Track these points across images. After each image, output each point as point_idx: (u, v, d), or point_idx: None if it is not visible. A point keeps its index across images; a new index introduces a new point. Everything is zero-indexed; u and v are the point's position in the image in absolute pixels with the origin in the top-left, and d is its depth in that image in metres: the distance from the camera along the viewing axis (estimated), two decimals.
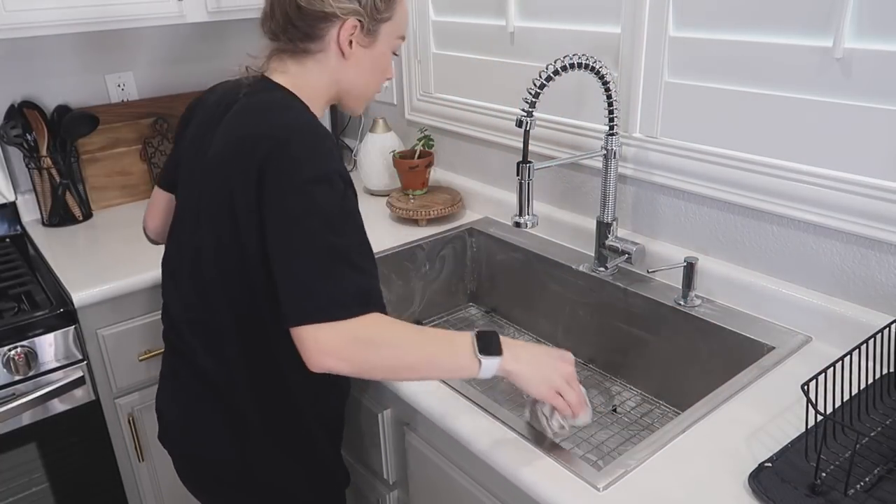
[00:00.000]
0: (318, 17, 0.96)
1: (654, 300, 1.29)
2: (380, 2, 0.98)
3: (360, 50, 1.01)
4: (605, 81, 1.24)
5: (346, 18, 0.97)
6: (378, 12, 0.99)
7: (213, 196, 0.98)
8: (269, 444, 1.07)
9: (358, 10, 0.97)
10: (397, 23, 1.03)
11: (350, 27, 0.98)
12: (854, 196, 1.06)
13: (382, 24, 1.01)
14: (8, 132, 1.71)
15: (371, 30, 1.00)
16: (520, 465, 0.90)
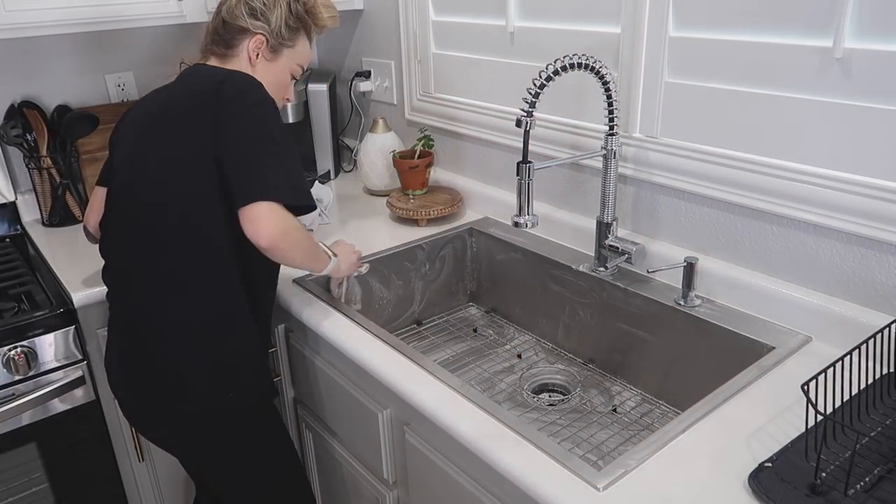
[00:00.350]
0: (236, 30, 1.26)
1: (654, 300, 1.29)
2: (285, 30, 1.28)
3: (263, 62, 1.28)
4: (605, 81, 1.24)
5: (256, 33, 1.26)
6: (282, 38, 1.28)
7: (178, 144, 1.16)
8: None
9: (267, 29, 1.26)
10: (298, 52, 1.32)
11: (258, 41, 1.26)
12: (854, 196, 1.06)
13: (284, 48, 1.30)
14: (8, 132, 1.71)
15: (275, 48, 1.28)
16: (520, 464, 0.90)
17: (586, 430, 1.25)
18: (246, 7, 1.25)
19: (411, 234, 1.64)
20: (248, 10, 1.25)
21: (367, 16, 1.98)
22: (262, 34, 1.25)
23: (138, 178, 1.19)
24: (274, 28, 1.26)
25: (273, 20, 1.26)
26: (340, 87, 2.17)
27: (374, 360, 1.15)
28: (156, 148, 1.18)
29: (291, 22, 1.28)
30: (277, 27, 1.26)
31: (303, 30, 1.32)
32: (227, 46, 1.27)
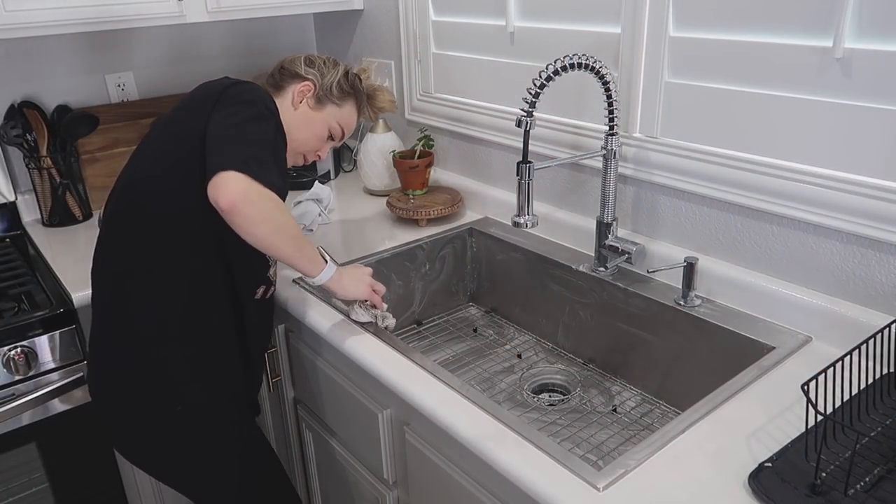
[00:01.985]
0: (289, 74, 1.31)
1: (654, 300, 1.29)
2: (336, 89, 1.32)
3: (306, 107, 1.30)
4: (605, 81, 1.24)
5: (306, 79, 1.30)
6: (330, 93, 1.31)
7: (176, 138, 1.15)
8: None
9: (317, 80, 1.30)
10: (343, 114, 1.34)
11: (305, 86, 1.30)
12: (854, 196, 1.06)
13: (330, 103, 1.32)
14: (8, 132, 1.71)
15: (320, 99, 1.31)
16: (520, 464, 0.90)
17: (586, 430, 1.25)
18: (306, 59, 1.32)
19: (411, 234, 1.64)
20: (307, 61, 1.32)
21: (367, 16, 1.98)
22: (311, 80, 1.30)
23: (135, 173, 1.18)
24: (325, 82, 1.30)
25: (327, 76, 1.31)
26: None
27: (374, 360, 1.15)
28: (157, 144, 1.18)
29: (345, 86, 1.33)
30: (329, 83, 1.31)
31: (353, 98, 1.35)
32: (275, 87, 1.31)
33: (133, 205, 1.15)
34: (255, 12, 1.78)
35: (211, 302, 1.18)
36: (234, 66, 2.11)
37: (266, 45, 2.16)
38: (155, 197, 1.13)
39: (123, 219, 1.16)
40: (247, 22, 2.10)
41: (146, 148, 1.19)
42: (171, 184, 1.12)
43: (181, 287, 1.15)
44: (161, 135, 1.18)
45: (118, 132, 1.91)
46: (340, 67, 1.34)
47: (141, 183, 1.15)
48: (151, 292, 1.14)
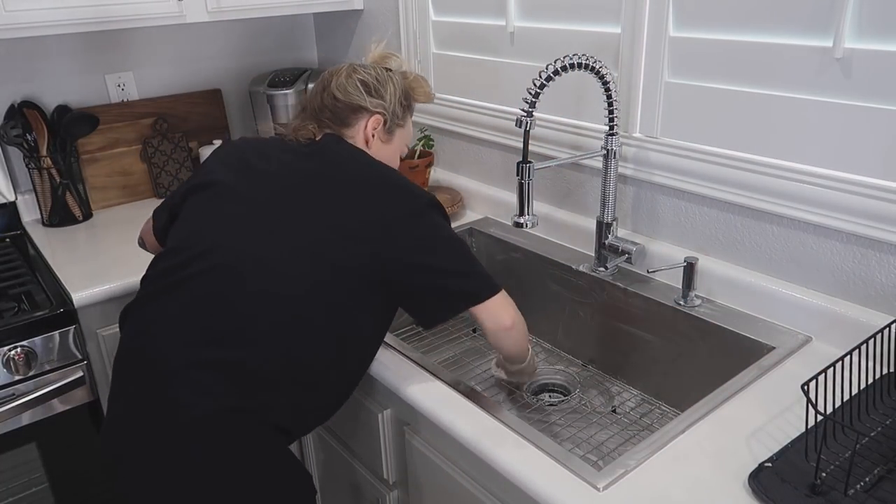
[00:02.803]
0: (352, 108, 1.18)
1: (654, 300, 1.29)
2: (399, 109, 1.22)
3: (379, 143, 1.21)
4: (605, 81, 1.24)
5: (375, 112, 1.18)
6: (397, 117, 1.22)
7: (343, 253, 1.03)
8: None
9: (384, 109, 1.20)
10: (406, 132, 1.27)
11: (375, 121, 1.19)
12: (854, 196, 1.06)
13: (397, 129, 1.23)
14: (8, 132, 1.71)
15: (390, 129, 1.22)
16: (520, 464, 0.90)
17: (586, 430, 1.25)
18: (361, 84, 1.18)
19: None
20: (363, 88, 1.18)
21: (367, 16, 1.98)
22: (380, 113, 1.19)
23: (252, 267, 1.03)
24: (389, 106, 1.20)
25: (388, 98, 1.20)
26: None
27: (373, 360, 1.15)
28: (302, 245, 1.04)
29: (403, 100, 1.24)
30: (392, 106, 1.21)
31: (409, 108, 1.27)
32: (342, 124, 1.18)
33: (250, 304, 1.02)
34: (255, 12, 1.78)
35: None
36: (234, 65, 2.11)
37: (266, 45, 2.16)
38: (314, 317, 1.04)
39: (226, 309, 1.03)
40: (247, 22, 2.10)
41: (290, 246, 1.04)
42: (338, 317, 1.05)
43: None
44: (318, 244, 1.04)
45: (118, 132, 1.91)
46: (392, 79, 1.22)
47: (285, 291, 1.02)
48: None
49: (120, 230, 1.75)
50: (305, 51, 2.25)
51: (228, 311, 1.00)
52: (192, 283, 1.03)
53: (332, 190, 1.07)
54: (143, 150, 1.95)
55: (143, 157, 1.96)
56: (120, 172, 1.93)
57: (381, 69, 1.23)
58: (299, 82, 2.02)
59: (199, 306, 1.01)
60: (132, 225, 1.79)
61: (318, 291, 1.02)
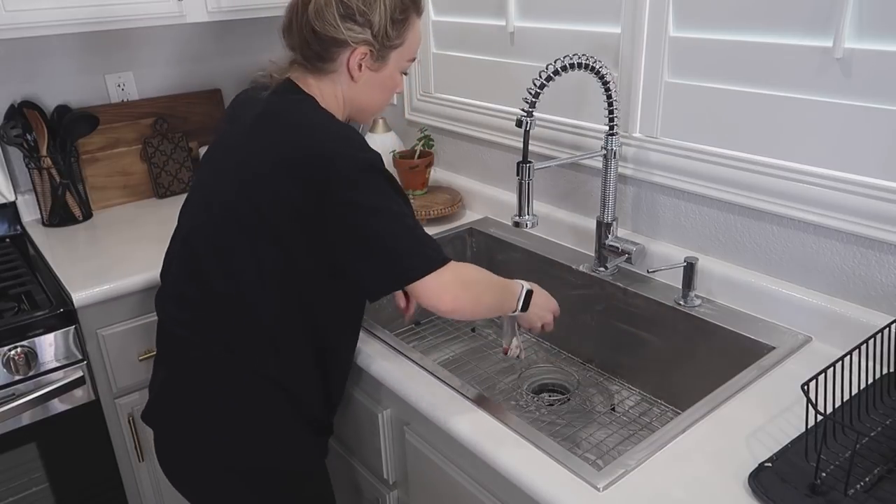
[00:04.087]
0: (330, 42, 1.02)
1: (654, 300, 1.29)
2: (391, 30, 1.03)
3: (368, 73, 1.06)
4: (605, 81, 1.24)
5: (357, 46, 1.02)
6: (388, 39, 1.04)
7: (271, 204, 0.99)
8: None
9: (369, 39, 1.02)
10: (408, 47, 1.08)
11: (360, 54, 1.03)
12: (854, 196, 1.06)
13: (392, 51, 1.06)
14: (8, 132, 1.71)
15: (381, 56, 1.05)
16: (520, 464, 0.90)
17: (586, 430, 1.25)
18: (339, 7, 1.00)
19: None
20: (343, 13, 1.00)
21: None
22: (366, 44, 1.02)
23: (209, 220, 1.06)
24: (378, 31, 1.02)
25: (376, 21, 1.01)
26: None
27: (373, 360, 1.15)
28: (236, 200, 1.02)
29: (398, 14, 1.03)
30: (382, 28, 1.02)
31: (413, 12, 1.06)
32: (321, 60, 1.04)
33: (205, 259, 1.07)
34: (255, 12, 1.78)
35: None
36: (234, 65, 2.11)
37: (266, 45, 2.16)
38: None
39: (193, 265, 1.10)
40: (247, 22, 2.10)
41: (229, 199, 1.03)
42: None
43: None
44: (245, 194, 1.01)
45: (118, 132, 1.91)
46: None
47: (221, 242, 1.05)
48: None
49: (120, 230, 1.75)
50: None
51: (192, 256, 1.09)
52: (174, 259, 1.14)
53: (264, 140, 1.02)
54: (143, 150, 1.95)
55: (143, 157, 1.96)
56: (120, 172, 1.93)
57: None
58: None
59: (178, 267, 1.12)
60: (132, 225, 1.79)
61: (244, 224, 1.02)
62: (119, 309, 1.49)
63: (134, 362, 1.53)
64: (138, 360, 1.53)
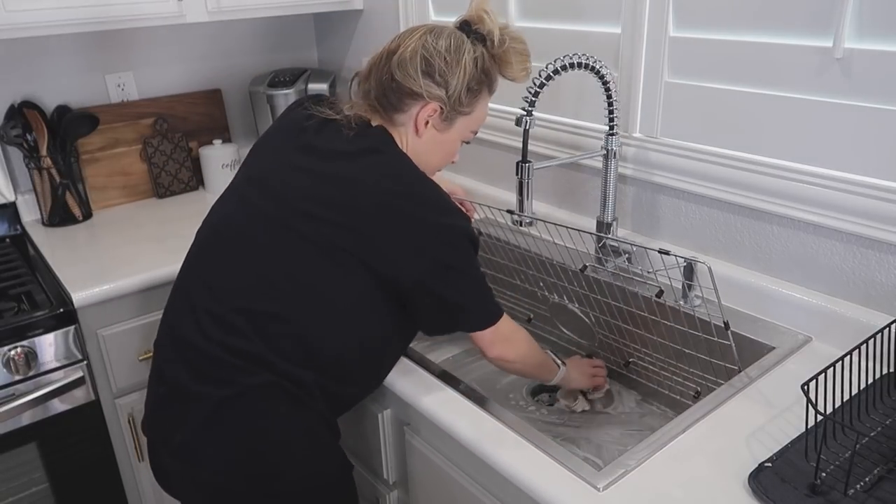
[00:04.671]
0: (406, 93, 1.05)
1: (654, 300, 1.29)
2: (464, 96, 1.07)
3: (433, 131, 1.09)
4: (605, 81, 1.24)
5: (430, 101, 1.05)
6: (460, 104, 1.07)
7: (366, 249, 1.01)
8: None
9: (443, 97, 1.05)
10: (474, 118, 1.12)
11: (430, 109, 1.06)
12: (854, 196, 1.06)
13: (460, 117, 1.09)
14: (8, 132, 1.71)
15: (449, 118, 1.08)
16: (520, 465, 0.90)
17: (586, 430, 1.25)
18: (422, 63, 1.03)
19: None
20: (425, 69, 1.04)
21: (367, 16, 1.98)
22: (438, 102, 1.05)
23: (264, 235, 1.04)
24: (452, 94, 1.05)
25: (453, 84, 1.05)
26: (341, 86, 2.17)
27: None
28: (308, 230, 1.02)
29: (474, 84, 1.07)
30: (457, 93, 1.05)
31: (486, 89, 1.11)
32: (394, 109, 1.07)
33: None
34: (255, 12, 1.78)
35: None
36: (234, 65, 2.11)
37: (266, 45, 2.16)
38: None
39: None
40: (247, 22, 2.10)
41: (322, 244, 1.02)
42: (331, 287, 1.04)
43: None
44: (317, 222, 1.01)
45: (118, 132, 1.91)
46: (465, 56, 1.05)
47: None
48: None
49: (120, 230, 1.75)
50: (305, 51, 2.25)
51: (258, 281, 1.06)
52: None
53: (358, 212, 1.01)
54: (143, 150, 1.95)
55: (143, 157, 1.96)
56: (120, 172, 1.93)
57: (462, 38, 1.07)
58: (299, 82, 2.02)
59: (228, 290, 1.09)
60: (132, 225, 1.79)
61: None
62: (119, 309, 1.49)
63: (134, 362, 1.53)
64: (138, 360, 1.53)
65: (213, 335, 1.03)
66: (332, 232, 1.00)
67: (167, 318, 1.12)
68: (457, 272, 1.03)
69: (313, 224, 1.01)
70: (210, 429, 1.03)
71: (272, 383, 1.02)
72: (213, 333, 1.04)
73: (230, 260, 1.07)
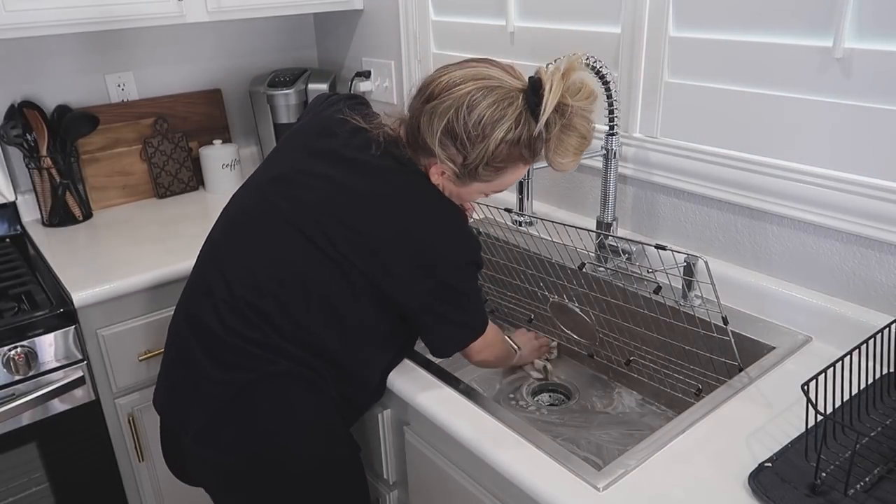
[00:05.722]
0: (422, 144, 1.00)
1: (654, 300, 1.29)
2: (482, 169, 0.99)
3: (448, 184, 1.04)
4: (606, 81, 1.24)
5: (443, 162, 0.99)
6: (475, 175, 1.00)
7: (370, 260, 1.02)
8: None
9: (457, 163, 0.98)
10: (496, 185, 1.05)
11: (438, 170, 1.01)
12: (854, 196, 1.06)
13: (476, 182, 1.02)
14: (8, 132, 1.71)
15: (462, 181, 1.02)
16: (520, 464, 0.90)
17: (586, 430, 1.25)
18: (449, 124, 0.96)
19: None
20: (448, 130, 0.96)
21: (367, 16, 1.98)
22: (449, 167, 0.99)
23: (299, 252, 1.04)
24: (469, 164, 0.97)
25: (472, 156, 0.96)
26: (341, 86, 2.17)
27: None
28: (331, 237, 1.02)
29: (499, 162, 0.98)
30: (474, 164, 0.97)
31: (520, 162, 1.00)
32: (416, 150, 1.03)
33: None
34: (255, 12, 1.78)
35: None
36: (234, 65, 2.11)
37: (266, 45, 2.16)
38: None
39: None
40: (247, 22, 2.10)
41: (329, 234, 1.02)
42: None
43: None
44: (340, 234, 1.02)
45: (118, 132, 1.91)
46: (496, 135, 0.94)
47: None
48: None
49: (120, 230, 1.75)
50: (305, 51, 2.25)
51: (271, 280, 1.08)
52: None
53: (372, 218, 1.02)
54: (143, 150, 1.95)
55: (143, 157, 1.96)
56: (120, 172, 1.93)
57: (508, 109, 0.94)
58: (299, 82, 2.02)
59: (247, 284, 1.11)
60: (132, 225, 1.79)
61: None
62: (119, 309, 1.49)
63: (134, 362, 1.53)
64: (138, 360, 1.53)
65: (231, 323, 1.06)
66: (348, 249, 1.02)
67: (185, 304, 1.14)
68: (461, 295, 1.07)
69: (329, 236, 1.02)
70: (231, 414, 1.05)
71: (289, 370, 1.04)
72: (231, 321, 1.06)
73: (244, 252, 1.08)
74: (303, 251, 1.04)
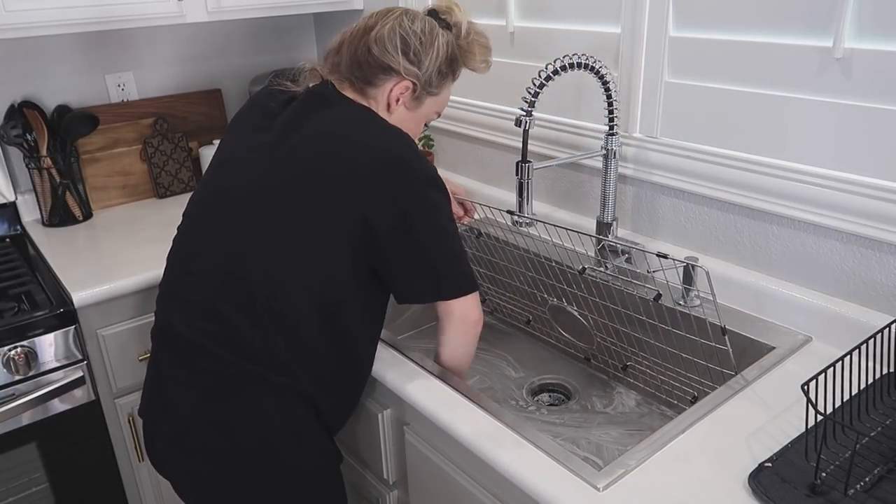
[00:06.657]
0: (382, 67, 1.07)
1: (654, 300, 1.29)
2: (435, 77, 1.10)
3: (402, 109, 1.11)
4: (605, 81, 1.24)
5: (404, 79, 1.08)
6: (430, 85, 1.11)
7: (327, 207, 1.00)
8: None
9: (418, 75, 1.08)
10: (440, 100, 1.15)
11: (403, 87, 1.09)
12: (854, 196, 1.06)
13: (428, 97, 1.13)
14: (8, 132, 1.71)
15: (419, 97, 1.11)
16: (519, 464, 0.90)
17: (586, 430, 1.25)
18: (400, 41, 1.06)
19: None
20: (402, 46, 1.06)
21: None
22: (411, 81, 1.08)
23: (251, 235, 1.03)
24: (424, 73, 1.08)
25: (426, 64, 1.08)
26: None
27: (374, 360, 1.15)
28: (286, 214, 1.02)
29: (444, 67, 1.11)
30: (428, 74, 1.09)
31: (451, 74, 1.14)
32: (366, 82, 1.08)
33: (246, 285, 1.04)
34: (255, 12, 1.78)
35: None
36: (234, 65, 2.11)
37: (266, 45, 2.16)
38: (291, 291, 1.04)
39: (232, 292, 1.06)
40: (247, 22, 2.10)
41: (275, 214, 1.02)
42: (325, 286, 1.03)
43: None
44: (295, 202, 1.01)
45: (118, 132, 1.91)
46: (438, 40, 1.09)
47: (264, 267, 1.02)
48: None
49: (120, 230, 1.75)
50: (305, 51, 2.25)
51: (235, 270, 1.06)
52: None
53: (324, 168, 1.01)
54: (143, 150, 1.95)
55: (143, 157, 1.96)
56: (120, 172, 1.93)
57: (433, 23, 1.10)
58: None
59: (209, 281, 1.09)
60: (132, 225, 1.79)
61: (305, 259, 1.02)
62: (119, 309, 1.49)
63: (134, 362, 1.53)
64: (138, 360, 1.53)
65: (197, 324, 1.05)
66: (305, 200, 1.00)
67: (157, 308, 1.14)
68: (438, 216, 1.02)
69: (283, 196, 1.01)
70: (199, 419, 1.04)
71: (257, 373, 1.02)
72: (197, 322, 1.05)
73: (203, 249, 1.08)
74: (263, 229, 1.02)
